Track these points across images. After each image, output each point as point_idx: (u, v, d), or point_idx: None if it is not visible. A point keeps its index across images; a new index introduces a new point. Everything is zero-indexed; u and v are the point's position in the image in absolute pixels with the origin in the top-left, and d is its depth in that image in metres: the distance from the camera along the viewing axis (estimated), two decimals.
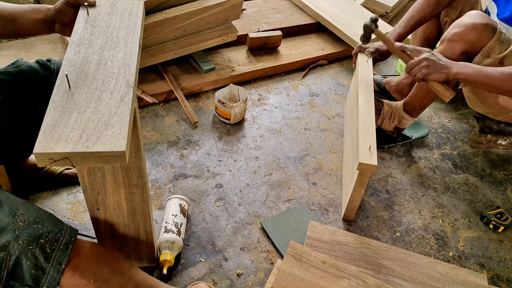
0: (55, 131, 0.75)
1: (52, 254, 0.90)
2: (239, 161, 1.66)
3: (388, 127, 1.75)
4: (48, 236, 0.90)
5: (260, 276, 1.31)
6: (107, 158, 0.74)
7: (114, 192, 1.00)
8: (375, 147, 1.33)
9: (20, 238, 0.87)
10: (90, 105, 0.81)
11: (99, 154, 0.73)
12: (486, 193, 1.69)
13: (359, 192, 1.38)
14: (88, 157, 0.73)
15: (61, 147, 0.72)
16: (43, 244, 0.89)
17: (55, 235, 0.91)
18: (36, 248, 0.88)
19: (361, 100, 1.50)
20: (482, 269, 1.43)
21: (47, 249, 0.90)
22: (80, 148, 0.73)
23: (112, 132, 0.76)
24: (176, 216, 1.34)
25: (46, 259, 0.90)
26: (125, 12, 1.05)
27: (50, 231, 0.91)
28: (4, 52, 1.94)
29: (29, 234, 0.88)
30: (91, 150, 0.72)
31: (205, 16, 1.84)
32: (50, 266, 0.90)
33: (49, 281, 0.91)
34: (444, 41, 1.48)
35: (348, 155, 1.58)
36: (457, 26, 1.44)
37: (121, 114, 0.79)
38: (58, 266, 0.91)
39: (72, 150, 0.72)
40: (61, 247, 0.91)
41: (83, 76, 0.86)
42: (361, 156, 1.29)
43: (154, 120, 1.78)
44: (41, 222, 0.91)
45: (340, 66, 2.24)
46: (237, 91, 1.80)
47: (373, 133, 1.38)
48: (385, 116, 1.73)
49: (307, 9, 2.38)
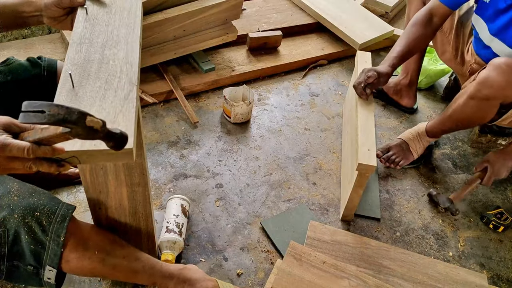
0: None
1: (49, 227, 0.90)
2: (239, 161, 1.66)
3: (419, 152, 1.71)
4: (44, 209, 0.90)
5: (260, 276, 1.31)
6: (115, 156, 0.75)
7: (116, 191, 1.00)
8: (374, 147, 1.33)
9: (15, 212, 0.86)
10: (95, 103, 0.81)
11: (106, 152, 0.74)
12: (486, 193, 1.69)
13: (358, 192, 1.38)
14: (96, 155, 0.74)
15: (69, 146, 0.73)
16: (38, 216, 0.89)
17: (51, 207, 0.91)
18: (32, 221, 0.88)
19: (360, 100, 1.50)
20: (482, 269, 1.43)
21: (44, 222, 0.89)
22: (88, 146, 0.73)
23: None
24: (178, 216, 1.34)
25: (44, 231, 0.89)
26: (124, 10, 1.05)
27: (45, 204, 0.91)
28: (4, 52, 1.94)
29: (24, 207, 0.88)
30: (99, 148, 0.73)
31: (205, 16, 1.84)
32: (49, 240, 0.90)
33: (50, 257, 0.91)
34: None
35: (347, 156, 1.58)
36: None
37: (126, 112, 0.80)
38: (57, 239, 0.90)
39: (80, 149, 0.73)
40: (58, 219, 0.91)
41: (86, 75, 0.87)
42: (360, 157, 1.29)
43: (154, 120, 1.78)
44: (36, 196, 0.91)
45: (340, 66, 2.24)
46: (248, 93, 1.81)
47: (372, 133, 1.38)
48: (415, 148, 1.69)
49: (307, 9, 2.38)
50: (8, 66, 1.15)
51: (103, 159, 0.75)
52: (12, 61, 1.17)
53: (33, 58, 1.20)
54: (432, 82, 2.13)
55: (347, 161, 1.58)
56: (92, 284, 1.21)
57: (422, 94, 2.11)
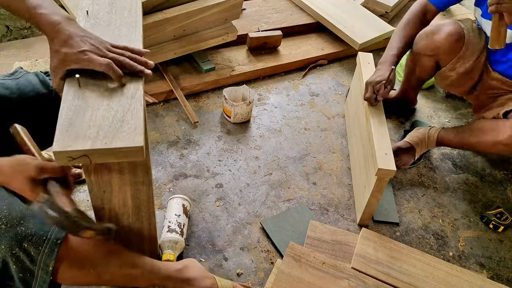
0: (72, 129, 0.76)
1: (38, 258, 0.88)
2: (239, 161, 1.66)
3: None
4: (32, 239, 0.88)
5: (260, 276, 1.31)
6: (125, 154, 0.75)
7: (120, 190, 1.00)
8: (391, 152, 1.34)
9: (2, 243, 0.85)
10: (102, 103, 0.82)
11: (117, 150, 0.74)
12: (486, 193, 1.69)
13: (377, 197, 1.38)
14: (107, 153, 0.74)
15: (80, 145, 0.73)
16: (26, 248, 0.87)
17: (39, 237, 0.88)
18: (20, 252, 0.87)
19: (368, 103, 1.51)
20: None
21: (32, 253, 0.88)
22: (99, 144, 0.74)
23: (128, 128, 0.77)
24: (179, 216, 1.34)
25: (32, 262, 0.88)
26: (124, 10, 1.05)
27: (34, 233, 0.88)
28: (4, 52, 1.94)
29: (11, 237, 0.86)
30: (110, 147, 0.74)
31: (205, 16, 1.84)
32: (37, 269, 0.88)
33: (39, 284, 0.90)
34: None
35: (358, 160, 1.57)
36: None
37: (134, 111, 0.81)
38: (46, 268, 0.89)
39: (91, 147, 0.73)
40: (46, 250, 0.89)
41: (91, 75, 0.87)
42: (380, 162, 1.29)
43: (154, 120, 1.78)
44: (25, 224, 0.88)
45: (340, 66, 2.24)
46: (248, 93, 1.81)
47: (387, 137, 1.39)
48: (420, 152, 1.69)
49: (307, 9, 2.38)
50: (16, 80, 1.08)
51: (114, 158, 0.76)
52: (21, 74, 1.11)
53: (42, 76, 1.13)
54: (432, 82, 2.13)
55: (358, 165, 1.57)
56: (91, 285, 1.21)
57: (422, 94, 2.11)
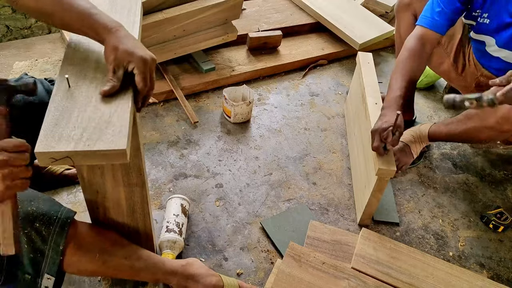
0: (56, 130, 0.75)
1: (49, 236, 0.90)
2: (239, 161, 1.66)
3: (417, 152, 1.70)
4: (43, 218, 0.90)
5: (260, 275, 1.31)
6: (108, 157, 0.74)
7: (114, 191, 1.00)
8: (392, 152, 1.34)
9: None
10: (90, 103, 0.81)
11: (100, 152, 0.73)
12: (486, 193, 1.69)
13: (378, 197, 1.38)
14: (90, 155, 0.73)
15: (62, 146, 0.72)
16: (38, 227, 0.89)
17: (50, 216, 0.91)
18: (32, 231, 0.89)
19: (370, 104, 1.50)
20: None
21: (43, 232, 0.90)
22: (82, 147, 0.73)
23: (113, 130, 0.76)
24: (178, 216, 1.34)
25: (43, 241, 0.90)
26: (124, 9, 1.05)
27: (45, 212, 0.91)
28: (4, 52, 1.94)
29: (23, 218, 0.88)
30: (92, 149, 0.73)
31: (205, 16, 1.84)
32: (48, 248, 0.90)
33: (49, 265, 0.91)
34: None
35: (358, 159, 1.57)
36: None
37: (121, 112, 0.79)
38: (57, 248, 0.91)
39: (73, 149, 0.72)
40: (57, 229, 0.92)
41: (82, 75, 0.86)
42: (380, 162, 1.29)
43: (154, 120, 1.78)
44: (36, 203, 0.91)
45: (340, 66, 2.24)
46: (248, 93, 1.81)
47: None
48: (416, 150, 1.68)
49: (307, 9, 2.38)
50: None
51: (97, 160, 0.75)
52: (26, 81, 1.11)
53: (47, 84, 1.14)
54: (432, 82, 2.13)
55: (358, 164, 1.57)
56: (92, 284, 1.21)
57: (422, 94, 2.11)
